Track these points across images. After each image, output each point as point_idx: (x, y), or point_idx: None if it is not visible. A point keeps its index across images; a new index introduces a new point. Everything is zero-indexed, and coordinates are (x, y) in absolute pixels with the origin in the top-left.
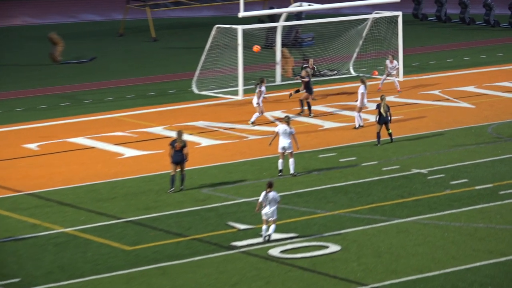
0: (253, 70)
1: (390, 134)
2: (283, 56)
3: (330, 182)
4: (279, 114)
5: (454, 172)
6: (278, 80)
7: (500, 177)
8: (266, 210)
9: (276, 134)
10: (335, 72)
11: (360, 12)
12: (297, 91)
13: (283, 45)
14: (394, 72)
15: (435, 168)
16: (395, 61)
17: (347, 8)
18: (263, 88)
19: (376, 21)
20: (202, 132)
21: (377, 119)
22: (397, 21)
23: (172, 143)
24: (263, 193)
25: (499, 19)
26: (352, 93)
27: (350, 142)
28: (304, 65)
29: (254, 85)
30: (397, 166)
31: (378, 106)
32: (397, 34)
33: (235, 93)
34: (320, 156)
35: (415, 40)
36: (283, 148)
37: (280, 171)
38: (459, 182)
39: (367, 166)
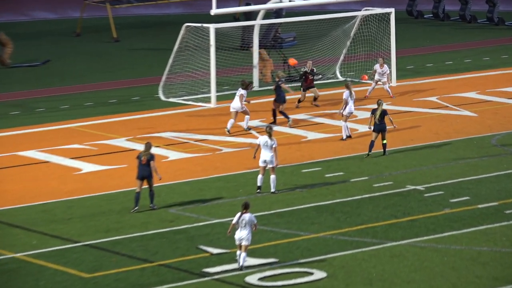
0: (227, 74)
1: (384, 145)
2: (261, 58)
3: (315, 200)
4: (257, 124)
5: (454, 189)
6: (256, 86)
7: (506, 194)
8: (240, 234)
9: (258, 146)
10: (320, 76)
11: (347, 9)
12: (315, 99)
13: (261, 46)
14: (384, 79)
15: (432, 184)
16: (385, 66)
17: (333, 5)
18: (244, 92)
19: (366, 19)
20: (170, 144)
21: (372, 126)
22: (389, 19)
23: (139, 156)
24: (238, 215)
25: (504, 16)
26: (339, 100)
27: (337, 155)
28: (303, 69)
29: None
30: (390, 182)
31: (373, 112)
32: (389, 34)
33: (207, 100)
34: (303, 171)
35: (409, 41)
36: (264, 162)
37: (259, 187)
38: (460, 200)
39: (356, 182)
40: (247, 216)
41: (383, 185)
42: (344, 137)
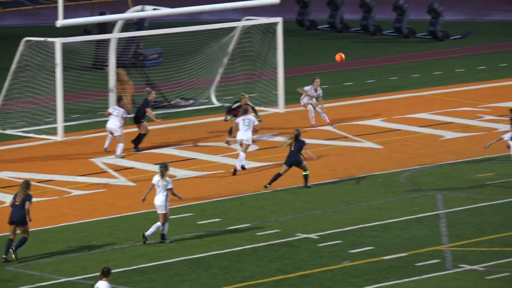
0: (79, 100)
1: (304, 177)
2: (118, 80)
3: (186, 253)
4: (113, 160)
5: (355, 237)
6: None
7: (417, 243)
8: None
9: (152, 187)
10: (191, 101)
11: (225, 19)
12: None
13: (118, 65)
14: (314, 101)
15: (328, 231)
16: (320, 89)
17: (208, 14)
18: (125, 114)
19: (247, 31)
20: (6, 186)
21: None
22: (275, 30)
23: (15, 197)
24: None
25: (415, 26)
26: (219, 132)
27: (212, 197)
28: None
29: None
30: (277, 230)
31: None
32: (276, 49)
33: (53, 131)
34: (172, 217)
35: (300, 57)
36: (157, 207)
37: (161, 236)
38: (362, 250)
39: (236, 230)
40: (102, 285)
41: (269, 233)
42: (239, 166)
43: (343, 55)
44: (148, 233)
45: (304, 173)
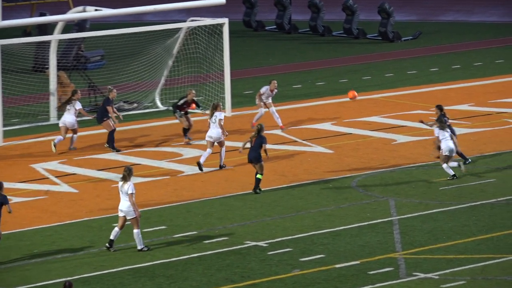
0: (17, 104)
1: (257, 180)
2: (60, 83)
3: (130, 261)
4: (55, 165)
5: (306, 245)
6: (54, 117)
7: (370, 251)
8: None
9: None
10: (135, 105)
11: (169, 20)
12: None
13: (59, 68)
14: (269, 101)
15: (278, 239)
16: (276, 90)
17: (152, 15)
18: (78, 106)
19: (193, 32)
20: None
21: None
22: (221, 31)
23: None
24: None
25: (365, 27)
26: (165, 137)
27: (158, 204)
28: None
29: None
30: (225, 238)
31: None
32: (222, 50)
33: None
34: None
35: (247, 59)
36: (121, 211)
37: (110, 242)
38: (313, 258)
39: (182, 238)
40: None
41: (216, 241)
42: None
43: (356, 94)
44: (139, 247)
45: (258, 176)
